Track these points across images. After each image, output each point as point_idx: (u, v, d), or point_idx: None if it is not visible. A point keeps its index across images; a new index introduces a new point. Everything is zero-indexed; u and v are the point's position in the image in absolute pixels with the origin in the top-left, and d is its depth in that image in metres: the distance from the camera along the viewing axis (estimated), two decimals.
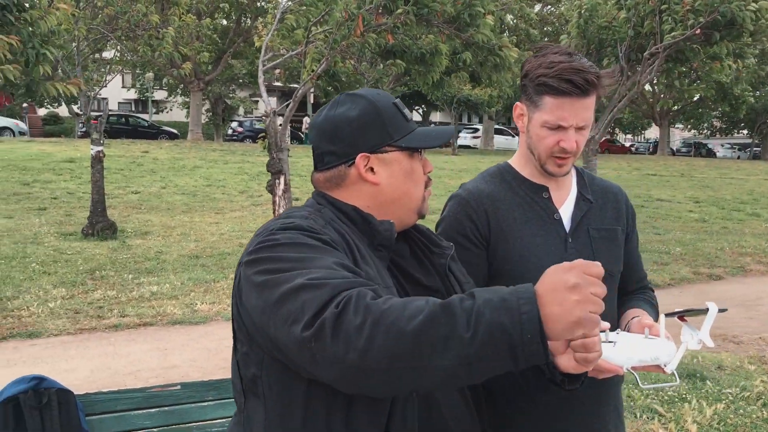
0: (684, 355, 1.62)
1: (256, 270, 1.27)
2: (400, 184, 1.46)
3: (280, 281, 1.21)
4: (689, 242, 12.00)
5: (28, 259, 8.66)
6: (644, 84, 9.79)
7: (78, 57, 10.08)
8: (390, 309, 1.09)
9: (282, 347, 1.20)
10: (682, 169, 28.95)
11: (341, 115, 1.46)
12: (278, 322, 1.18)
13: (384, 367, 1.08)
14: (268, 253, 1.28)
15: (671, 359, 1.55)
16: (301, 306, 1.15)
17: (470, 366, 1.07)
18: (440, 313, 1.07)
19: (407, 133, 1.46)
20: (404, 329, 1.07)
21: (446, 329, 1.06)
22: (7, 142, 23.93)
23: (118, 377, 5.11)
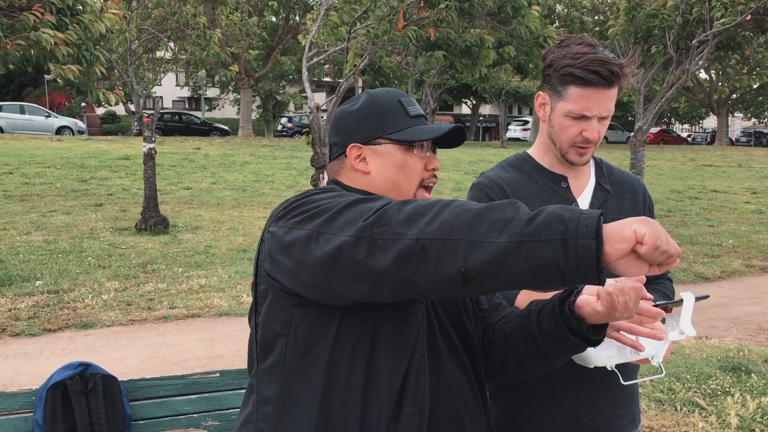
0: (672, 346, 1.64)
1: (295, 214, 1.33)
2: (390, 175, 1.51)
3: (328, 207, 1.28)
4: (743, 234, 11.69)
5: (84, 253, 8.98)
6: (693, 72, 9.57)
7: (130, 58, 10.38)
8: (457, 200, 1.20)
9: (332, 261, 1.23)
10: (740, 159, 28.11)
11: (345, 109, 1.57)
12: (330, 236, 1.24)
13: (442, 236, 1.14)
14: (303, 201, 1.36)
15: (657, 352, 1.56)
16: (359, 212, 1.23)
17: (521, 246, 1.09)
18: (506, 203, 1.16)
19: (404, 128, 1.52)
20: (470, 207, 1.16)
21: (509, 213, 1.13)
22: (67, 141, 24.76)
23: (165, 366, 5.29)
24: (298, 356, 1.37)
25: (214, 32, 10.84)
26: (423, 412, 1.37)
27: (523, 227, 1.10)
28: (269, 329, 1.41)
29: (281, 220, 1.35)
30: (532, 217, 1.11)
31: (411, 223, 1.16)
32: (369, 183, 1.52)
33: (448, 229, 1.14)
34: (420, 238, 1.15)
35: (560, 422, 1.77)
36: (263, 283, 1.41)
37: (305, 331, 1.36)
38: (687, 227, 12.43)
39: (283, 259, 1.33)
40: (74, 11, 7.19)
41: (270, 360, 1.41)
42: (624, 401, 1.83)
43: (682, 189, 17.96)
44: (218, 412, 3.00)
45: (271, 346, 1.40)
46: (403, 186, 1.52)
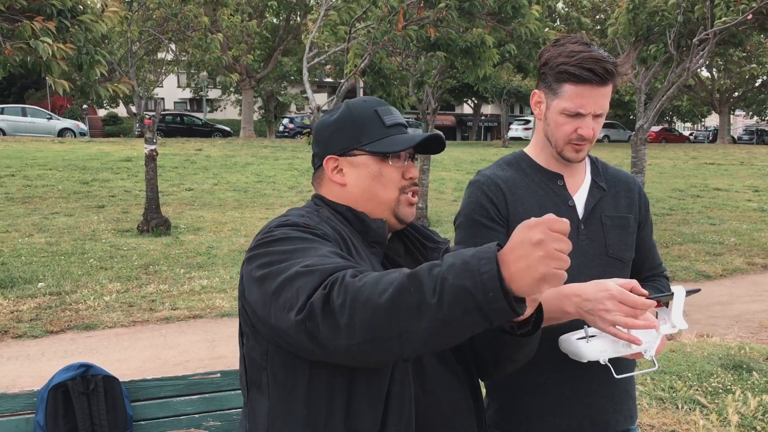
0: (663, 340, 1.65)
1: (256, 265, 1.36)
2: (366, 186, 1.52)
3: (278, 272, 1.30)
4: (745, 232, 11.68)
5: (86, 255, 9.00)
6: (694, 71, 9.56)
7: (131, 59, 10.40)
8: (365, 285, 1.17)
9: (283, 334, 1.28)
10: (742, 157, 28.08)
11: (324, 120, 1.59)
12: (278, 311, 1.27)
13: (369, 338, 1.16)
14: (266, 248, 1.37)
15: (650, 346, 1.57)
16: (296, 292, 1.24)
17: (446, 326, 1.12)
18: (408, 283, 1.14)
19: (380, 138, 1.52)
20: (379, 303, 1.14)
21: (416, 297, 1.12)
22: (68, 143, 24.80)
23: (167, 367, 5.30)
24: (279, 386, 1.41)
25: (215, 36, 10.86)
26: (409, 427, 1.38)
27: (437, 312, 1.11)
28: (253, 360, 1.44)
29: (250, 262, 1.38)
30: (439, 298, 1.11)
31: (335, 324, 1.17)
32: (346, 194, 1.54)
33: (370, 329, 1.15)
34: (350, 344, 1.17)
35: (558, 418, 1.78)
36: (241, 315, 1.46)
37: (281, 363, 1.39)
38: (689, 225, 12.42)
39: (250, 304, 1.38)
40: (75, 13, 7.20)
41: (258, 387, 1.45)
42: (620, 397, 1.84)
43: (684, 187, 17.95)
44: (219, 413, 3.00)
45: (258, 375, 1.44)
46: (380, 196, 1.53)
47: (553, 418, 1.78)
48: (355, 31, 8.27)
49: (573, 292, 1.57)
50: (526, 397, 1.80)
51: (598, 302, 1.52)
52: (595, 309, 1.52)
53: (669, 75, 9.93)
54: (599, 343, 1.58)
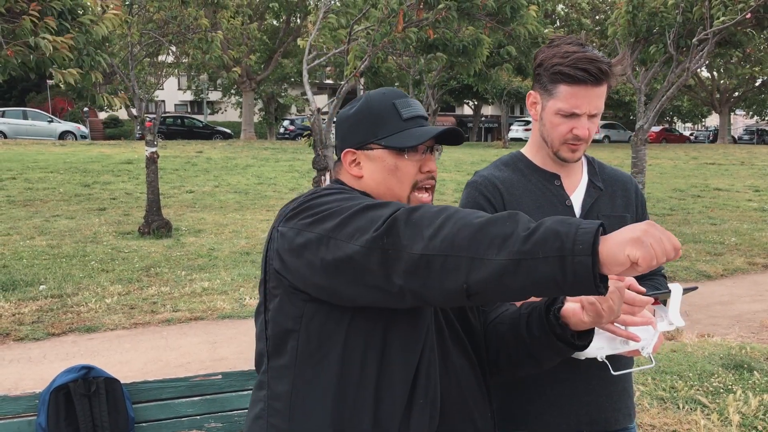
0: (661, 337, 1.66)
1: (302, 217, 1.36)
2: (382, 179, 1.54)
3: (339, 211, 1.31)
4: (746, 232, 11.69)
5: (87, 257, 9.02)
6: (693, 71, 9.57)
7: (132, 62, 10.42)
8: (460, 210, 1.23)
9: (342, 265, 1.27)
10: (743, 157, 28.08)
11: (344, 113, 1.60)
12: (342, 241, 1.27)
13: (446, 253, 1.17)
14: (311, 203, 1.38)
15: (647, 343, 1.58)
16: (369, 220, 1.26)
17: (519, 263, 1.12)
18: (506, 216, 1.18)
19: (396, 132, 1.53)
20: (471, 222, 1.18)
21: (508, 228, 1.15)
22: (69, 146, 24.83)
23: (169, 369, 5.31)
24: (311, 351, 1.40)
25: (215, 35, 10.87)
26: (434, 403, 1.41)
27: (521, 245, 1.12)
28: (280, 325, 1.43)
29: (291, 220, 1.38)
30: (530, 233, 1.12)
31: (417, 237, 1.19)
32: (364, 186, 1.55)
33: (450, 244, 1.17)
34: (424, 254, 1.18)
35: (557, 417, 1.79)
36: (272, 280, 1.43)
37: (317, 326, 1.39)
38: (689, 225, 12.43)
39: (293, 260, 1.36)
40: (74, 14, 7.22)
41: (282, 356, 1.43)
42: (619, 395, 1.85)
43: (684, 187, 17.95)
44: (221, 414, 3.01)
45: (283, 342, 1.42)
46: (395, 189, 1.54)
47: (552, 417, 1.79)
48: (355, 33, 8.29)
49: None
50: (524, 396, 1.81)
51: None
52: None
53: (669, 75, 9.94)
54: (597, 340, 1.60)
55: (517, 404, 1.82)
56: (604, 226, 1.12)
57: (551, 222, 1.13)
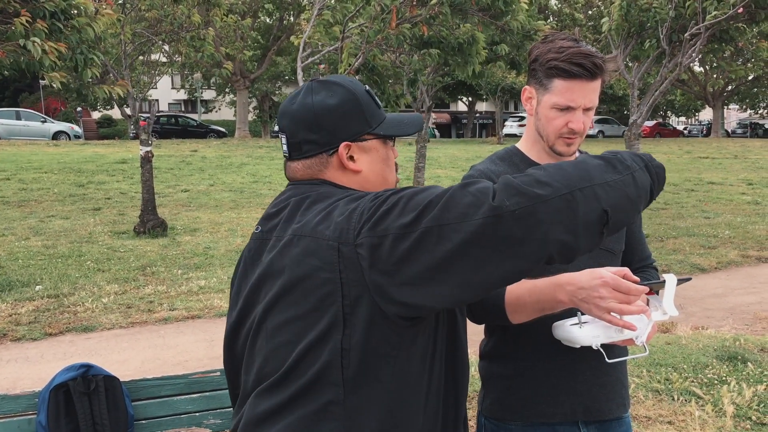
0: (655, 326, 1.69)
1: (397, 214, 1.24)
2: (379, 170, 1.50)
3: (435, 200, 1.23)
4: (739, 225, 11.74)
5: (83, 257, 9.01)
6: (686, 65, 9.61)
7: (125, 60, 10.41)
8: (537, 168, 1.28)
9: (471, 244, 1.18)
10: (736, 150, 28.18)
11: (320, 102, 1.45)
12: (456, 224, 1.18)
13: (580, 186, 1.22)
14: (393, 201, 1.28)
15: (641, 332, 1.61)
16: (473, 196, 1.20)
17: (633, 177, 1.30)
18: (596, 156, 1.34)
19: (381, 120, 1.50)
20: (572, 164, 1.26)
21: (601, 159, 1.31)
22: (63, 146, 24.76)
23: (166, 367, 5.32)
24: (408, 372, 1.34)
25: (207, 32, 10.86)
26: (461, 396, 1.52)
27: (625, 164, 1.30)
28: (371, 353, 1.31)
29: (377, 225, 1.25)
30: (621, 158, 1.31)
31: (545, 185, 1.19)
32: (361, 180, 1.48)
33: (579, 180, 1.22)
34: (564, 193, 1.19)
35: (551, 407, 1.82)
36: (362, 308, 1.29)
37: (415, 346, 1.34)
38: (683, 219, 12.48)
39: (406, 268, 1.23)
40: (67, 15, 7.22)
41: (371, 384, 1.32)
42: (613, 386, 1.88)
43: (678, 181, 18.02)
44: (219, 411, 3.03)
45: (373, 370, 1.32)
46: (389, 177, 1.53)
47: (547, 407, 1.82)
48: (349, 30, 8.30)
49: (567, 281, 1.61)
50: (520, 386, 1.83)
51: (593, 290, 1.55)
52: (590, 297, 1.56)
53: (661, 70, 9.98)
54: (592, 328, 1.63)
55: (511, 394, 1.85)
56: None
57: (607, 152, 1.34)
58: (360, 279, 1.27)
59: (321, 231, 1.32)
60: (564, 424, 1.83)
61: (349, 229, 1.28)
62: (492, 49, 10.75)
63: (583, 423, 1.85)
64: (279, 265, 1.39)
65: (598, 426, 1.87)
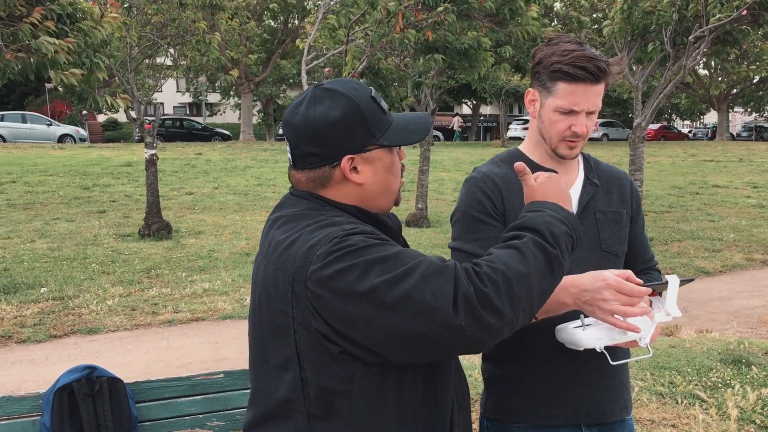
0: (658, 327, 1.69)
1: (353, 278, 1.25)
2: (383, 180, 1.47)
3: (394, 280, 1.23)
4: (744, 228, 11.72)
5: (88, 259, 9.04)
6: (691, 69, 9.60)
7: (130, 64, 10.44)
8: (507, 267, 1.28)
9: (417, 338, 1.23)
10: (741, 153, 28.11)
11: (322, 115, 1.41)
12: (411, 317, 1.22)
13: (523, 308, 1.28)
14: (353, 259, 1.26)
15: (645, 334, 1.61)
16: (433, 294, 1.22)
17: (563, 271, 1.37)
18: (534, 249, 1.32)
19: (386, 127, 1.46)
20: (526, 273, 1.29)
21: (544, 257, 1.32)
22: (69, 149, 24.84)
23: (171, 369, 5.34)
24: (367, 408, 1.36)
25: (213, 36, 10.89)
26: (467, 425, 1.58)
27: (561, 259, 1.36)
28: (324, 387, 1.35)
29: (338, 276, 1.26)
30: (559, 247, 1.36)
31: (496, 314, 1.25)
32: (362, 191, 1.46)
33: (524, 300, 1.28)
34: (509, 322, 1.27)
35: (554, 409, 1.82)
36: (307, 341, 1.34)
37: (369, 383, 1.35)
38: (688, 222, 12.46)
39: (342, 323, 1.28)
40: (74, 18, 7.25)
41: (332, 417, 1.36)
42: (615, 388, 1.88)
43: (683, 185, 17.98)
44: (223, 413, 3.04)
45: (331, 403, 1.35)
46: (392, 186, 1.51)
47: (550, 410, 1.82)
48: (353, 33, 8.31)
49: (570, 283, 1.61)
50: (523, 388, 1.84)
51: (596, 292, 1.56)
52: (594, 299, 1.56)
53: (665, 73, 9.97)
54: (595, 331, 1.63)
55: (514, 396, 1.85)
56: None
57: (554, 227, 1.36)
58: (307, 318, 1.31)
59: (281, 261, 1.36)
60: (566, 426, 1.83)
61: (305, 266, 1.30)
62: (497, 51, 10.76)
63: (586, 426, 1.85)
64: (255, 278, 1.48)
65: (600, 429, 1.87)
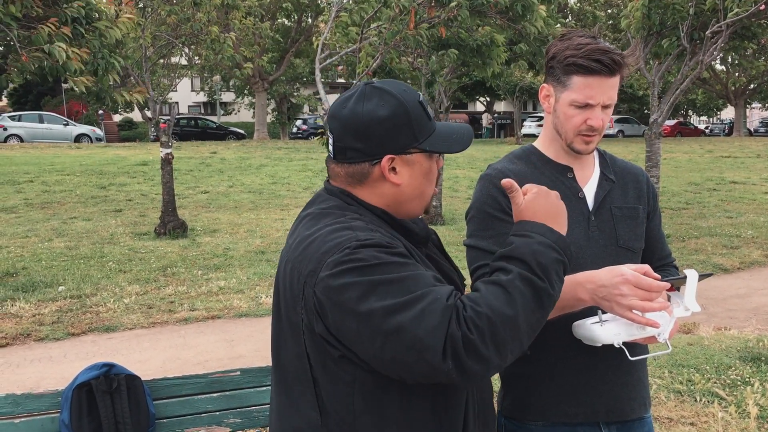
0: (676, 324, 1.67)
1: (355, 295, 1.27)
2: (418, 184, 1.48)
3: (392, 309, 1.25)
4: (762, 225, 11.60)
5: (105, 258, 9.11)
6: (708, 64, 9.51)
7: (145, 63, 10.50)
8: (492, 312, 1.26)
9: (407, 368, 1.27)
10: (759, 149, 27.81)
11: (370, 112, 1.42)
12: (400, 350, 1.25)
13: (511, 350, 1.29)
14: (360, 276, 1.28)
15: (663, 329, 1.60)
16: (426, 332, 1.23)
17: (554, 303, 1.35)
18: (521, 285, 1.30)
19: (430, 133, 1.46)
20: (513, 316, 1.27)
21: (532, 292, 1.30)
22: (85, 149, 25.04)
23: (187, 367, 5.36)
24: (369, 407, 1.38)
25: (228, 36, 10.93)
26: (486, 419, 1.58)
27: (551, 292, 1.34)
28: (333, 393, 1.39)
29: (342, 290, 1.28)
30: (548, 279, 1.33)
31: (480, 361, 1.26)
32: (397, 193, 1.47)
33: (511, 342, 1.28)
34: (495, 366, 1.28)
35: (573, 407, 1.81)
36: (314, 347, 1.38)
37: (372, 387, 1.37)
38: (705, 219, 12.35)
39: (339, 332, 1.32)
40: (89, 19, 7.30)
41: (337, 417, 1.39)
42: (634, 385, 1.86)
43: (699, 181, 17.83)
44: (240, 410, 3.05)
45: (336, 404, 1.38)
46: (427, 191, 1.51)
47: (568, 407, 1.81)
48: (367, 31, 8.31)
49: (587, 279, 1.60)
50: (541, 386, 1.82)
51: (614, 287, 1.55)
52: (611, 294, 1.55)
53: (682, 68, 9.88)
54: (613, 326, 1.61)
55: (531, 394, 1.84)
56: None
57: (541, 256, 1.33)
58: (311, 321, 1.35)
59: (299, 261, 1.38)
60: (585, 424, 1.82)
61: (316, 272, 1.33)
62: (512, 49, 10.72)
63: (605, 424, 1.83)
64: (278, 274, 1.51)
65: (619, 426, 1.85)
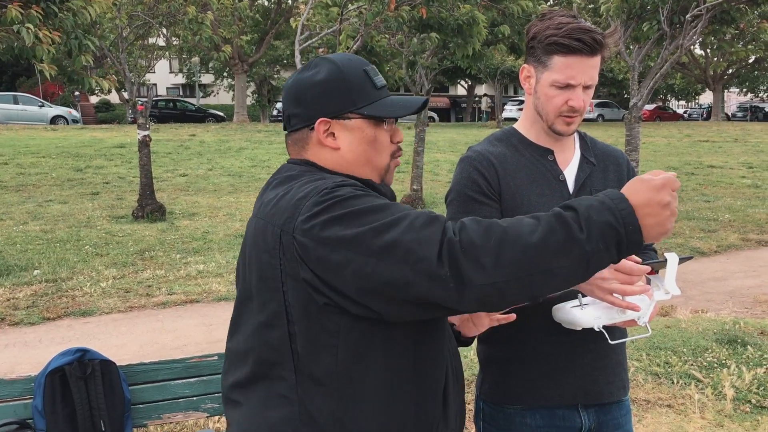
0: (656, 306, 1.67)
1: (337, 226, 1.25)
2: (361, 151, 1.47)
3: (382, 228, 1.23)
4: (739, 209, 11.72)
5: (81, 242, 8.99)
6: (687, 48, 9.53)
7: (122, 44, 10.33)
8: (509, 227, 1.21)
9: (400, 287, 1.21)
10: (736, 134, 28.08)
11: (308, 78, 1.47)
12: (395, 265, 1.20)
13: (515, 276, 1.18)
14: (341, 209, 1.27)
15: (643, 312, 1.59)
16: (419, 242, 1.20)
17: (588, 263, 1.20)
18: (555, 223, 1.20)
19: (373, 101, 1.46)
20: (529, 241, 1.19)
21: (564, 234, 1.19)
22: (61, 130, 24.66)
23: (165, 351, 5.31)
24: (352, 365, 1.34)
25: (206, 15, 10.76)
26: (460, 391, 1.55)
27: (585, 246, 1.19)
28: (312, 339, 1.33)
29: (326, 226, 1.26)
30: (588, 236, 1.19)
31: (479, 268, 1.17)
32: (339, 158, 1.47)
33: (518, 267, 1.18)
34: (495, 282, 1.18)
35: (551, 390, 1.80)
36: (294, 292, 1.33)
37: (356, 339, 1.33)
38: (683, 203, 12.46)
39: (329, 272, 1.27)
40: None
41: (316, 371, 1.34)
42: (613, 368, 1.86)
43: (678, 165, 17.96)
44: (217, 395, 3.01)
45: (316, 357, 1.34)
46: (374, 161, 1.49)
47: (547, 391, 1.80)
48: (347, 12, 8.22)
49: None
50: (519, 370, 1.81)
51: None
52: (592, 278, 1.54)
53: (662, 52, 9.90)
54: (594, 310, 1.61)
55: (510, 378, 1.83)
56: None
57: (595, 213, 1.20)
58: (295, 269, 1.30)
59: (271, 215, 1.36)
60: (563, 407, 1.82)
61: (293, 217, 1.30)
62: (492, 32, 10.67)
63: (583, 406, 1.83)
64: (245, 238, 1.46)
65: (597, 409, 1.85)
